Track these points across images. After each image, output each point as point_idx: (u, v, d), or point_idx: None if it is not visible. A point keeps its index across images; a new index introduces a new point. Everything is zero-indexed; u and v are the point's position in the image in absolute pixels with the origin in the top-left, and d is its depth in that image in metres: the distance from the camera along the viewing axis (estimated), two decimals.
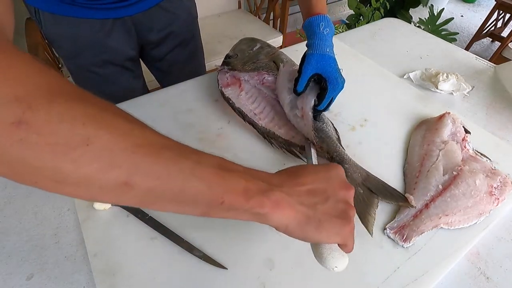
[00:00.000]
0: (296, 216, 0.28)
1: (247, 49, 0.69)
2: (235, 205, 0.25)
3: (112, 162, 0.21)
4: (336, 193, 0.31)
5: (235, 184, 0.25)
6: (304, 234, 0.28)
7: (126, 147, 0.21)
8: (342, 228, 0.29)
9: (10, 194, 0.49)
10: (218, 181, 0.25)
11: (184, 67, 0.87)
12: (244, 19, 1.77)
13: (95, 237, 0.44)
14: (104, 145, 0.20)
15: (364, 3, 2.01)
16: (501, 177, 0.50)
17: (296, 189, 0.29)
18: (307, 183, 0.30)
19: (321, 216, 0.29)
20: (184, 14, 0.78)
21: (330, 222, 0.29)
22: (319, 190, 0.30)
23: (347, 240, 0.30)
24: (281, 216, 0.27)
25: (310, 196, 0.29)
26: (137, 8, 0.68)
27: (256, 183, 0.26)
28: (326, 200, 0.30)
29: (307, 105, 0.54)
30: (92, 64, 0.71)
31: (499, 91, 0.74)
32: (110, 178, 0.21)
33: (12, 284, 0.40)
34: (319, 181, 0.31)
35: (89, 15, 0.64)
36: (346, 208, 0.30)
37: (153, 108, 0.65)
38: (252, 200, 0.25)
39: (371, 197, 0.47)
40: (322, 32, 0.52)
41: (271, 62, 0.65)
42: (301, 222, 0.28)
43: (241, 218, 0.27)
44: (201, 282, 0.40)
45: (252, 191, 0.26)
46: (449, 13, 2.99)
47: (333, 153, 0.52)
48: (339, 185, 0.31)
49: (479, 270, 0.44)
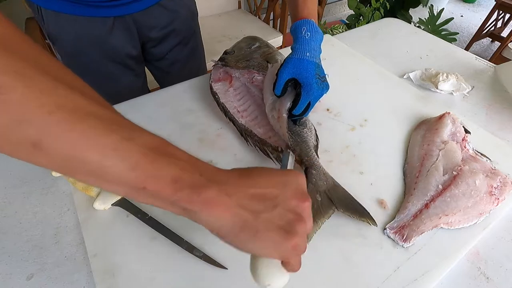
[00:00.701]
0: (231, 219, 0.24)
1: (245, 46, 0.69)
2: (159, 194, 0.23)
3: (22, 118, 0.19)
4: (288, 202, 0.27)
5: (164, 170, 0.23)
6: (237, 242, 0.26)
7: (42, 105, 0.19)
8: (282, 242, 0.26)
9: (10, 194, 0.49)
10: (145, 164, 0.22)
11: (185, 66, 0.87)
12: (244, 19, 1.77)
13: (95, 237, 0.44)
14: (18, 98, 0.19)
15: (364, 3, 2.01)
16: (501, 177, 0.50)
17: (241, 190, 0.26)
18: (257, 186, 0.27)
19: (260, 225, 0.25)
20: (185, 11, 0.78)
21: (270, 233, 0.25)
22: (269, 196, 0.27)
23: (287, 256, 0.27)
24: (212, 217, 0.24)
25: (255, 201, 0.26)
26: (138, 6, 0.68)
27: (192, 175, 0.24)
28: (273, 208, 0.26)
29: (283, 108, 0.54)
30: (94, 62, 0.72)
31: (499, 91, 0.74)
32: (18, 135, 0.19)
33: (12, 284, 0.40)
34: (271, 186, 0.27)
35: (91, 13, 0.64)
36: (294, 220, 0.26)
37: (153, 108, 0.65)
38: (180, 192, 0.23)
39: (327, 207, 0.46)
40: (304, 37, 0.51)
41: (264, 61, 0.65)
42: (236, 228, 0.25)
43: (168, 209, 0.24)
44: (201, 282, 0.40)
45: (183, 182, 0.23)
46: (449, 13, 2.99)
47: (304, 157, 0.51)
48: (294, 194, 0.28)
49: (479, 270, 0.44)
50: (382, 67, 0.78)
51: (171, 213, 0.38)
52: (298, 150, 0.51)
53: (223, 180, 0.25)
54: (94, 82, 0.93)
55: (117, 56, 0.73)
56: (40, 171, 0.52)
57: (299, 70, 0.51)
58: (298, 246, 0.26)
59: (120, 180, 0.22)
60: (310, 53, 0.51)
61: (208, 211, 0.24)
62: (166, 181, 0.23)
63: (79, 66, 0.74)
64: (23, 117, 0.19)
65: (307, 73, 0.50)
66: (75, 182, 0.48)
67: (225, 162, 0.54)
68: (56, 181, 0.51)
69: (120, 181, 0.22)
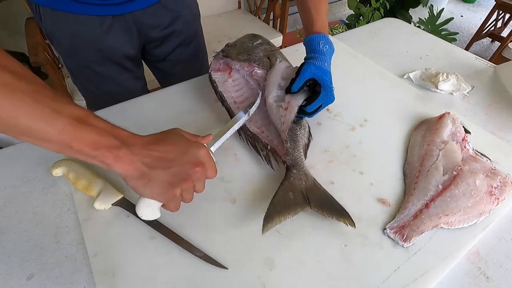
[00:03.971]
0: (133, 171, 0.34)
1: (247, 41, 0.70)
2: (82, 151, 0.32)
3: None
4: (182, 165, 0.37)
5: (85, 136, 0.31)
6: (134, 186, 0.36)
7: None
8: (166, 191, 0.36)
9: (10, 194, 0.49)
10: (70, 130, 0.30)
11: (186, 67, 0.87)
12: (244, 19, 1.77)
13: (95, 237, 0.44)
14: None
15: (364, 3, 2.01)
16: (501, 177, 0.50)
17: (145, 152, 0.35)
18: (159, 151, 0.36)
19: (153, 176, 0.35)
20: (186, 12, 0.78)
21: (158, 183, 0.35)
22: (166, 159, 0.36)
23: (167, 201, 0.37)
24: (120, 168, 0.33)
25: (155, 160, 0.35)
26: (137, 5, 0.68)
27: (109, 139, 0.33)
28: (168, 167, 0.36)
29: (295, 101, 0.55)
30: (91, 62, 0.71)
31: (499, 91, 0.74)
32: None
33: (12, 284, 0.40)
34: (172, 152, 0.37)
35: (88, 11, 0.64)
36: (182, 178, 0.36)
37: (153, 108, 0.65)
38: (98, 151, 0.32)
39: (298, 205, 0.46)
40: (322, 50, 0.56)
41: (265, 57, 0.65)
42: (134, 177, 0.35)
43: (91, 162, 0.33)
44: (201, 282, 0.40)
45: (100, 144, 0.32)
46: (449, 13, 2.99)
47: (290, 155, 0.51)
48: (190, 161, 0.37)
49: (479, 270, 0.44)
50: (382, 67, 0.78)
51: (171, 213, 0.39)
52: (287, 146, 0.52)
53: (132, 143, 0.34)
54: (91, 82, 0.93)
55: (114, 56, 0.72)
56: (40, 171, 0.52)
57: (320, 73, 0.54)
58: (177, 196, 0.37)
59: (50, 140, 0.30)
60: (327, 64, 0.56)
61: (118, 164, 0.33)
62: (87, 143, 0.31)
63: (76, 65, 0.73)
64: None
65: (327, 78, 0.54)
66: (75, 182, 0.48)
67: (225, 162, 0.54)
68: (56, 181, 0.51)
69: (51, 141, 0.30)
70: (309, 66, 0.54)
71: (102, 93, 0.78)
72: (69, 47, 0.69)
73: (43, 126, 0.29)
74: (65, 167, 0.49)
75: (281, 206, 0.45)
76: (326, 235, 0.45)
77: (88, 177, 0.48)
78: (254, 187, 0.51)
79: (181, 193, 0.37)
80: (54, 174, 0.49)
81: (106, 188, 0.47)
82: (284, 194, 0.47)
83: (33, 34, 1.05)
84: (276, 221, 0.44)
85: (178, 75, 0.85)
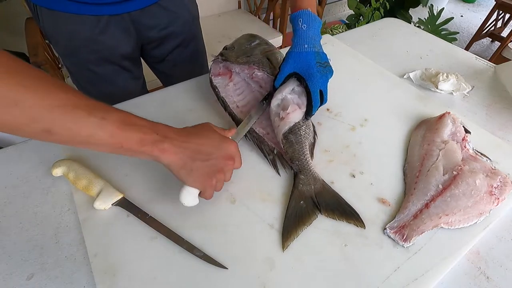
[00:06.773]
0: (177, 161, 0.39)
1: (245, 43, 0.69)
2: (132, 149, 0.36)
3: (34, 118, 0.31)
4: (217, 159, 0.42)
5: (132, 136, 0.36)
6: (178, 174, 0.41)
7: (44, 107, 0.31)
8: (205, 180, 0.41)
9: (10, 194, 0.49)
10: (119, 133, 0.35)
11: (185, 69, 0.86)
12: (244, 19, 1.77)
13: (95, 237, 0.44)
14: (29, 105, 0.30)
15: (364, 3, 2.01)
16: (501, 177, 0.50)
17: (185, 144, 0.40)
18: (199, 144, 0.41)
19: (194, 167, 0.40)
20: (185, 13, 0.77)
21: (198, 172, 0.41)
22: (205, 152, 0.41)
23: (205, 189, 0.42)
24: (166, 158, 0.39)
25: (195, 152, 0.40)
26: (134, 5, 0.67)
27: (152, 135, 0.37)
28: (206, 159, 0.41)
29: (293, 114, 0.54)
30: (89, 62, 0.71)
31: (499, 91, 0.74)
32: (34, 129, 0.31)
33: (12, 284, 0.40)
34: (209, 146, 0.42)
35: (85, 11, 0.63)
36: (217, 170, 0.42)
37: (153, 108, 0.65)
38: (144, 147, 0.37)
39: (310, 214, 0.46)
40: (302, 28, 0.54)
41: (264, 58, 0.65)
42: (178, 166, 0.40)
43: (140, 157, 0.38)
44: (201, 282, 0.40)
45: (146, 140, 0.37)
46: (449, 13, 2.99)
47: (295, 161, 0.51)
48: (223, 155, 0.43)
49: (479, 270, 0.44)
50: (382, 67, 0.78)
51: (171, 213, 0.39)
52: (291, 152, 0.52)
53: (173, 136, 0.39)
54: (90, 82, 0.93)
55: (111, 56, 0.72)
56: (40, 171, 0.52)
57: (299, 64, 0.53)
58: (213, 185, 0.43)
59: (105, 143, 0.35)
60: (308, 44, 0.54)
61: (163, 155, 0.38)
62: (134, 141, 0.36)
63: (75, 65, 0.73)
64: (34, 117, 0.31)
65: (307, 65, 0.53)
66: (75, 182, 0.48)
67: None
68: (56, 181, 0.51)
69: (105, 144, 0.35)
70: (286, 61, 0.54)
71: (101, 93, 0.78)
72: (67, 47, 0.69)
73: (98, 134, 0.34)
74: (65, 167, 0.49)
75: (295, 218, 0.46)
76: (326, 235, 0.45)
77: (88, 177, 0.48)
78: (254, 187, 0.51)
79: (216, 183, 0.43)
80: (54, 174, 0.49)
81: (106, 188, 0.47)
82: (296, 204, 0.47)
83: (33, 34, 1.04)
84: (294, 236, 0.44)
85: (177, 77, 0.85)
